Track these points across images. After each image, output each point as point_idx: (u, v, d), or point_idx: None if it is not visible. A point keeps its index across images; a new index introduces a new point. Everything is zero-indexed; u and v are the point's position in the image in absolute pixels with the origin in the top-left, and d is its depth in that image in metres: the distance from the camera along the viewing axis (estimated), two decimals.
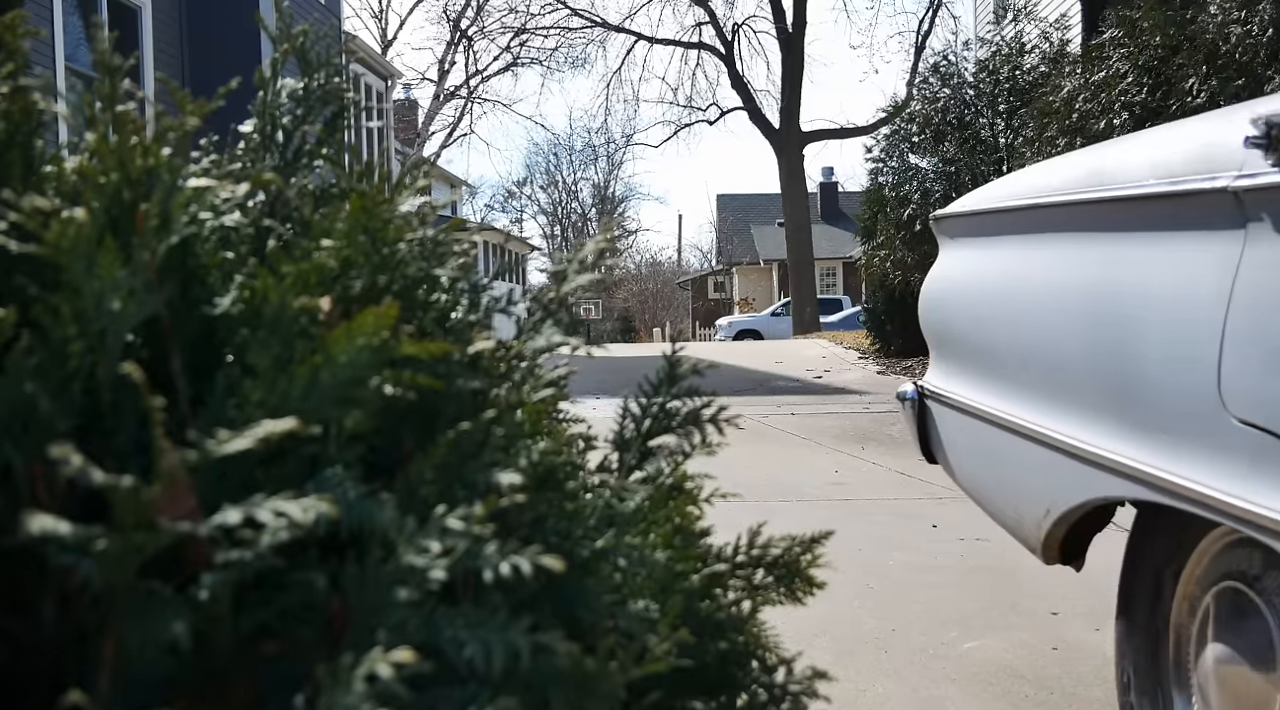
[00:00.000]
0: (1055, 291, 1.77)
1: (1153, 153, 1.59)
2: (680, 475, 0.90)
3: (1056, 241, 1.80)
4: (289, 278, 0.72)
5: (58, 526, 0.53)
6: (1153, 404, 1.44)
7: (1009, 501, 1.87)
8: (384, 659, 0.54)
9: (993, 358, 1.94)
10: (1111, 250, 1.61)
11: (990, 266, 2.02)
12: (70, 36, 9.40)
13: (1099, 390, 1.58)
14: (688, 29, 23.04)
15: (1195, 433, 1.34)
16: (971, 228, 2.10)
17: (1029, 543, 1.80)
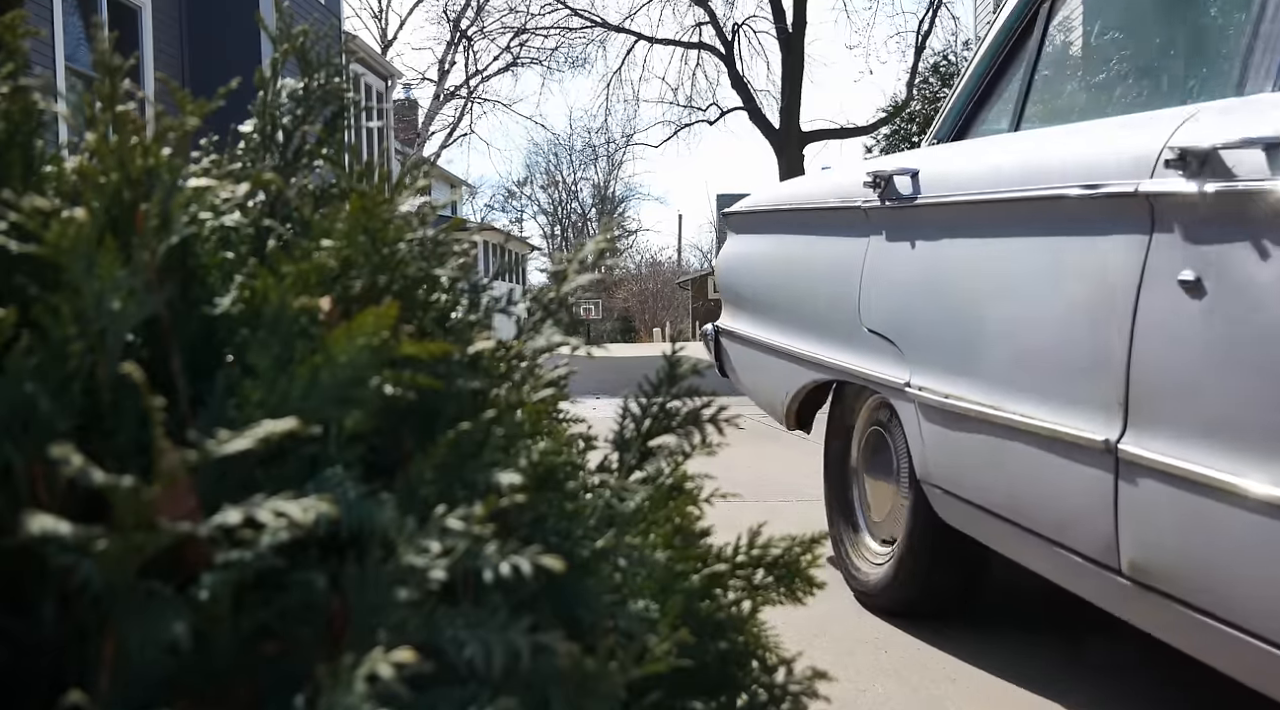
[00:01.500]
0: (781, 263, 3.14)
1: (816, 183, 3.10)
2: (680, 475, 0.91)
3: (780, 233, 3.19)
4: (289, 278, 0.72)
5: (58, 526, 0.53)
6: (830, 324, 2.68)
7: (766, 393, 3.12)
8: (385, 659, 0.54)
9: (754, 306, 3.25)
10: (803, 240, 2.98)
11: (749, 247, 3.39)
12: (70, 36, 9.40)
13: (806, 320, 2.86)
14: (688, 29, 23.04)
15: (851, 338, 2.53)
16: (739, 223, 3.53)
17: (778, 416, 3.09)
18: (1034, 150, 2.01)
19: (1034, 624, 2.33)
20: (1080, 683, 2.00)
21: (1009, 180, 1.94)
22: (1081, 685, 1.99)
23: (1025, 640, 2.23)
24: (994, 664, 2.10)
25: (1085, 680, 2.02)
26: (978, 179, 2.07)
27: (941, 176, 2.22)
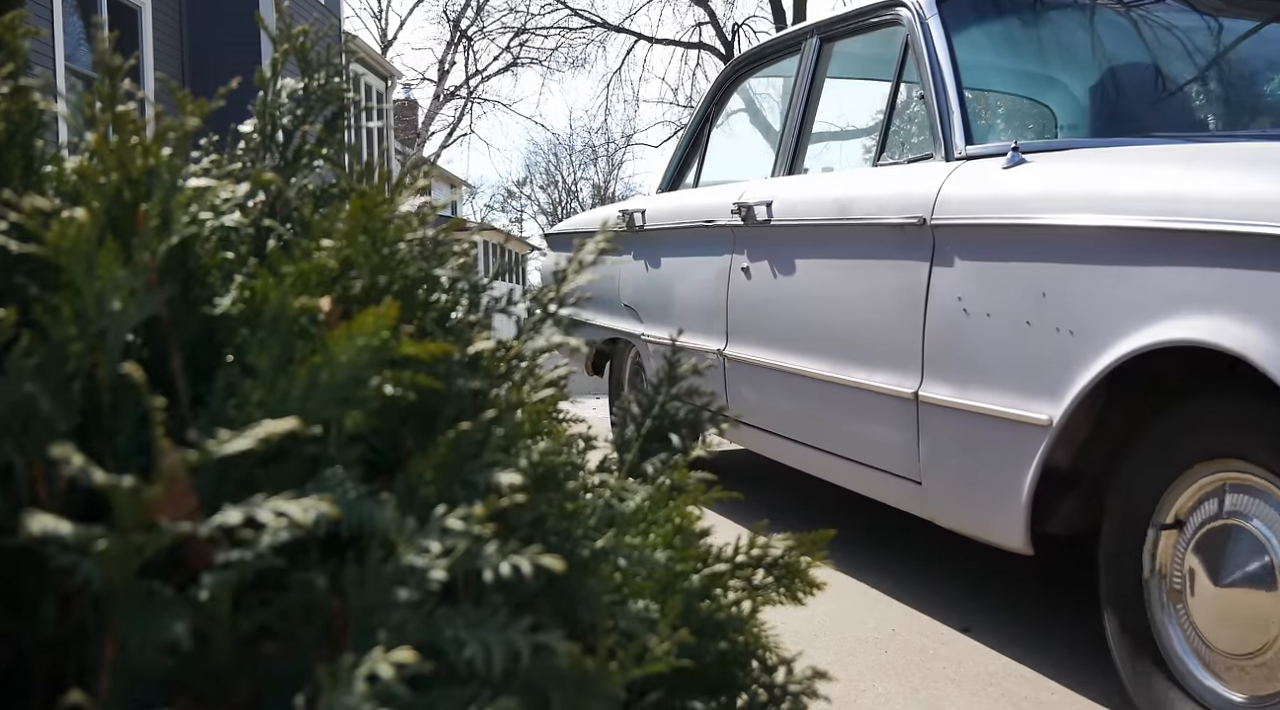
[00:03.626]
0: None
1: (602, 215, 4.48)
2: (680, 475, 0.91)
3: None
4: (289, 278, 0.72)
5: (58, 527, 0.53)
6: (607, 303, 4.03)
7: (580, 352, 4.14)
8: (385, 659, 0.54)
9: None
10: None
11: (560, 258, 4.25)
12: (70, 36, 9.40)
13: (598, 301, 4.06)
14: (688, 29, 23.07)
15: (618, 310, 4.00)
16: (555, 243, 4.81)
17: (586, 368, 4.33)
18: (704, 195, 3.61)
19: (1034, 624, 2.33)
20: (1081, 683, 2.01)
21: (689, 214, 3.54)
22: (1082, 685, 1.99)
23: (1026, 640, 2.23)
24: (994, 664, 2.10)
25: (1086, 680, 2.02)
26: (676, 215, 3.66)
27: (660, 213, 3.79)
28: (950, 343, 2.15)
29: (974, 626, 2.31)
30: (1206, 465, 1.69)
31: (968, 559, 2.84)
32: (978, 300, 2.08)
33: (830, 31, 3.08)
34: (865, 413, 2.45)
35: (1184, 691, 1.69)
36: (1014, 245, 2.02)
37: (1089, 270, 1.84)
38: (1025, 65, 3.14)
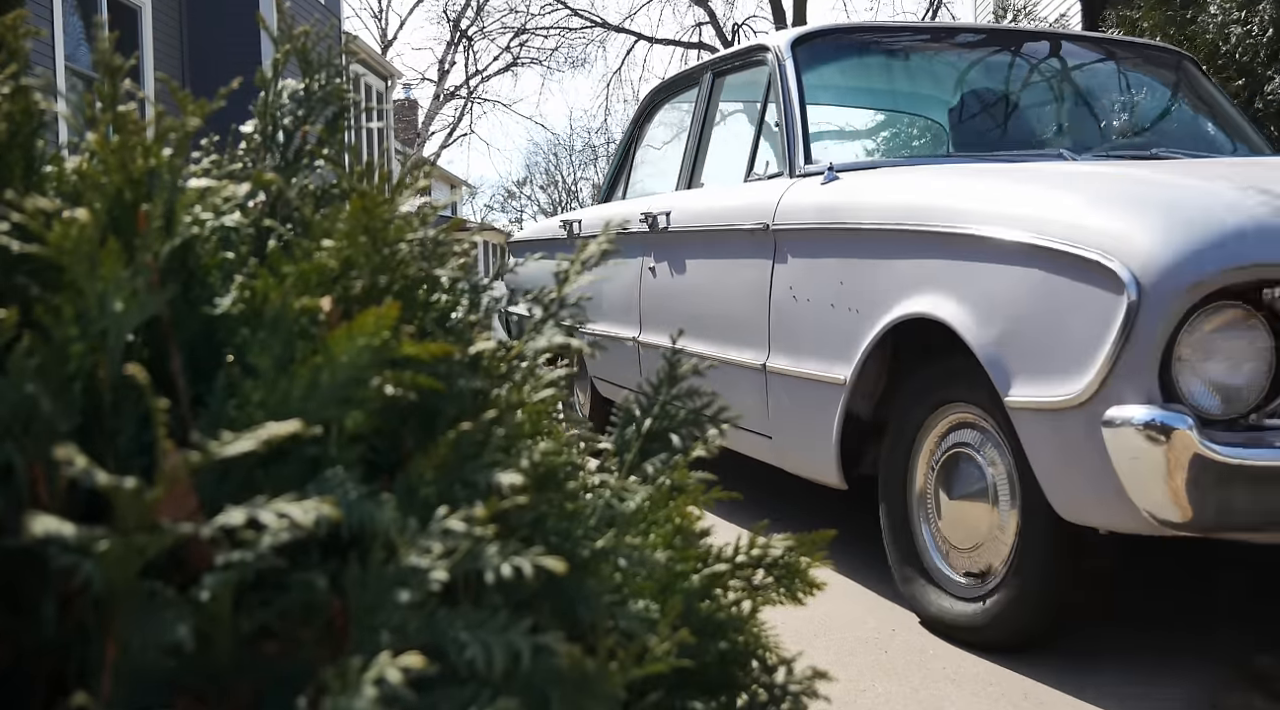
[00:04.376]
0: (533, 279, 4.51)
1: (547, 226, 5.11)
2: (681, 475, 0.91)
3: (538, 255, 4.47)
4: (289, 278, 0.72)
5: (60, 527, 0.53)
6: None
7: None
8: (393, 663, 0.54)
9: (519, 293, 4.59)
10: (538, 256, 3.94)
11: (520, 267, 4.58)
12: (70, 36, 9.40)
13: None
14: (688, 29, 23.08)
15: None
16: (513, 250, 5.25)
17: None
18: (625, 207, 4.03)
19: None
20: (1081, 683, 2.01)
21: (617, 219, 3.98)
22: (1082, 685, 2.00)
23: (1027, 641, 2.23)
24: (994, 664, 2.10)
25: (1086, 680, 2.02)
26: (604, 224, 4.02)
27: (592, 223, 4.27)
28: (785, 323, 2.75)
29: None
30: (944, 409, 2.28)
31: None
32: (801, 289, 2.68)
33: (720, 68, 3.73)
34: (736, 383, 2.95)
35: (927, 573, 2.34)
36: (823, 244, 2.62)
37: (868, 262, 2.44)
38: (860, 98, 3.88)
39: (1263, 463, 1.73)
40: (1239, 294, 1.76)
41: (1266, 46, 5.79)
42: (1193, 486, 1.72)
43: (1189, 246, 1.74)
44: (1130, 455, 1.76)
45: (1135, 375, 1.77)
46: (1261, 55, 5.81)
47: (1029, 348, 1.95)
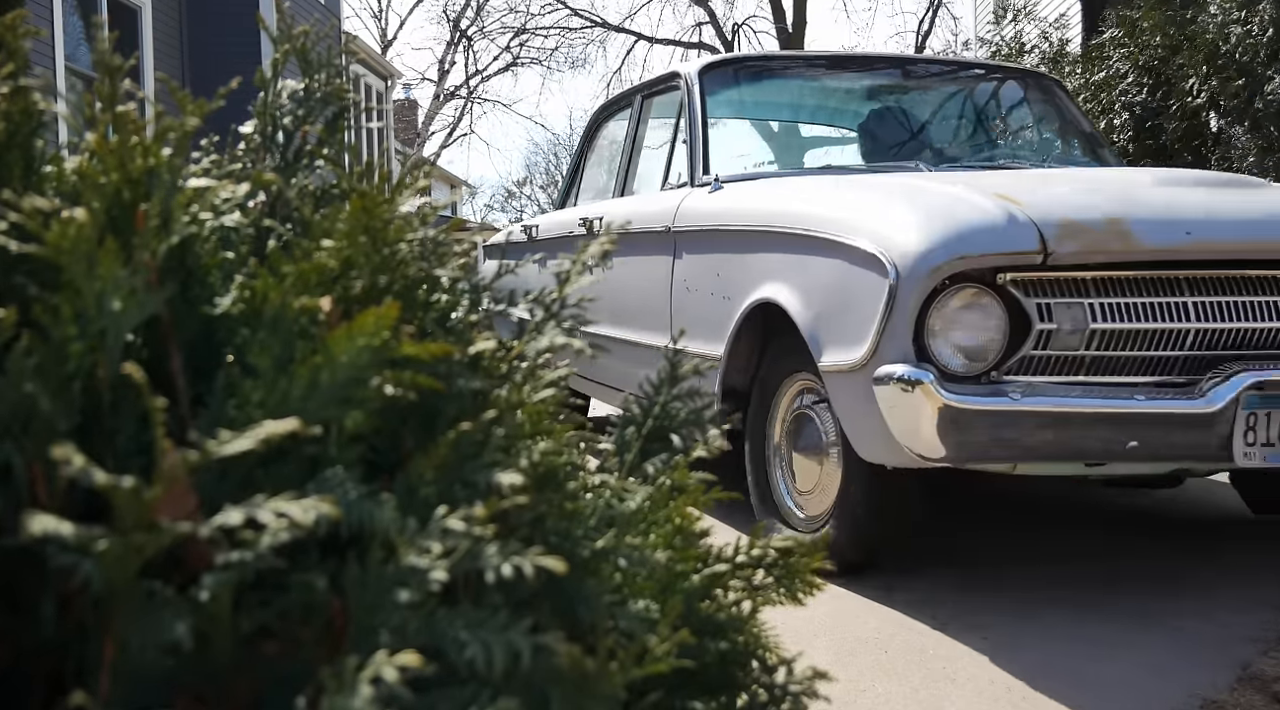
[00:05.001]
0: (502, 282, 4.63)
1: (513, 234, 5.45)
2: (681, 475, 0.90)
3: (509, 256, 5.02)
4: (289, 278, 0.72)
5: (59, 527, 0.53)
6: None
7: None
8: (389, 662, 0.54)
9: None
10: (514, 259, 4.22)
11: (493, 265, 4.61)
12: (70, 36, 9.40)
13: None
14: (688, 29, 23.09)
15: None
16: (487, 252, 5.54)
17: None
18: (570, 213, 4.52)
19: (1035, 625, 2.33)
20: (1082, 683, 2.01)
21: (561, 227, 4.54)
22: (1083, 685, 2.00)
23: (1027, 640, 2.23)
24: (995, 664, 2.10)
25: (1086, 680, 2.02)
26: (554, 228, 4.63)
27: (547, 227, 4.76)
28: (681, 310, 3.29)
29: (973, 627, 2.31)
30: (792, 378, 2.80)
31: (968, 559, 2.84)
32: (691, 281, 3.21)
33: (648, 91, 4.26)
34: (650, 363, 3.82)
35: (779, 512, 2.83)
36: (706, 243, 3.17)
37: (735, 257, 2.96)
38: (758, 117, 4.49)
39: (988, 407, 2.18)
40: (977, 277, 2.24)
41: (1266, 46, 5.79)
42: (937, 427, 2.17)
43: (932, 240, 2.24)
44: (891, 404, 2.25)
45: (897, 341, 2.26)
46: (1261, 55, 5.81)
47: (832, 323, 2.47)
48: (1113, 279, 2.27)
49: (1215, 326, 2.28)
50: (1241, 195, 2.57)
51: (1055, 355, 2.27)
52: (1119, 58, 6.93)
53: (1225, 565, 2.77)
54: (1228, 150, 6.11)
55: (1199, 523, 3.28)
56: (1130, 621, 2.33)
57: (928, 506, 2.79)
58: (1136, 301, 2.27)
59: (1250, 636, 2.24)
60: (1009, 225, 2.23)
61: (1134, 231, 2.27)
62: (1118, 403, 2.21)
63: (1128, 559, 2.85)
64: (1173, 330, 2.27)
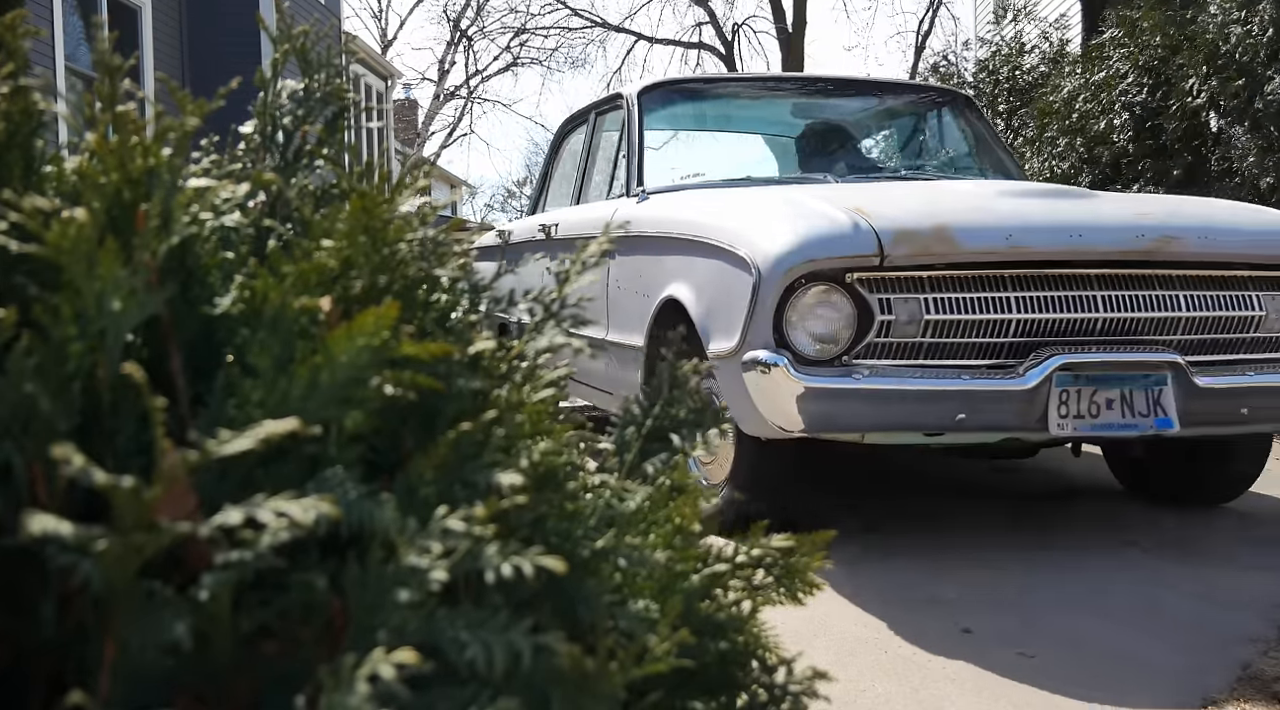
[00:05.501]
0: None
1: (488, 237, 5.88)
2: (681, 475, 0.90)
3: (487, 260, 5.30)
4: (289, 278, 0.72)
5: (59, 527, 0.53)
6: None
7: None
8: (386, 660, 0.54)
9: None
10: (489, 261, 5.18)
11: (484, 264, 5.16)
12: (70, 36, 9.39)
13: None
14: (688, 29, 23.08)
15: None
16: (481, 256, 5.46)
17: None
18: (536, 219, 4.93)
19: (1034, 625, 2.34)
20: (1082, 683, 2.01)
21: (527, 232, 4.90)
22: (1083, 685, 2.00)
23: (1026, 640, 2.23)
24: (994, 664, 2.10)
25: (1087, 681, 2.02)
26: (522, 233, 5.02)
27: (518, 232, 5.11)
28: (615, 306, 3.69)
29: (974, 627, 2.31)
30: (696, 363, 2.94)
31: (968, 559, 2.84)
32: (621, 281, 3.60)
33: (600, 109, 4.67)
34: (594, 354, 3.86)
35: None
36: (633, 247, 3.51)
37: (652, 259, 3.37)
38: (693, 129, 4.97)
39: (835, 386, 2.56)
40: (828, 277, 2.63)
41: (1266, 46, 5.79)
42: (792, 403, 2.57)
43: (788, 247, 2.64)
44: (755, 385, 2.66)
45: (761, 331, 2.68)
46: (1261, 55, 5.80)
47: (716, 317, 2.88)
48: (943, 277, 2.66)
49: (1034, 317, 2.68)
50: (1066, 204, 2.97)
51: (896, 342, 2.66)
52: (1119, 58, 6.92)
53: (1225, 564, 2.77)
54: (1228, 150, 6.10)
55: (1199, 522, 3.28)
56: (1130, 621, 2.33)
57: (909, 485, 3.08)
58: (964, 296, 2.67)
59: (1250, 636, 2.24)
60: (853, 233, 2.61)
61: (957, 237, 2.65)
62: (947, 382, 2.62)
63: (1127, 559, 2.85)
64: (997, 320, 2.67)
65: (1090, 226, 2.76)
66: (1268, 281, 2.89)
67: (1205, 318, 2.80)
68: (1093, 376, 2.65)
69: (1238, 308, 2.83)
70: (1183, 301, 2.77)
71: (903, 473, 4.16)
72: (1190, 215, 2.98)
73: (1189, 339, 2.79)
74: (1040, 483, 3.87)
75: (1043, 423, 2.62)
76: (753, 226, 2.82)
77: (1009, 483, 3.89)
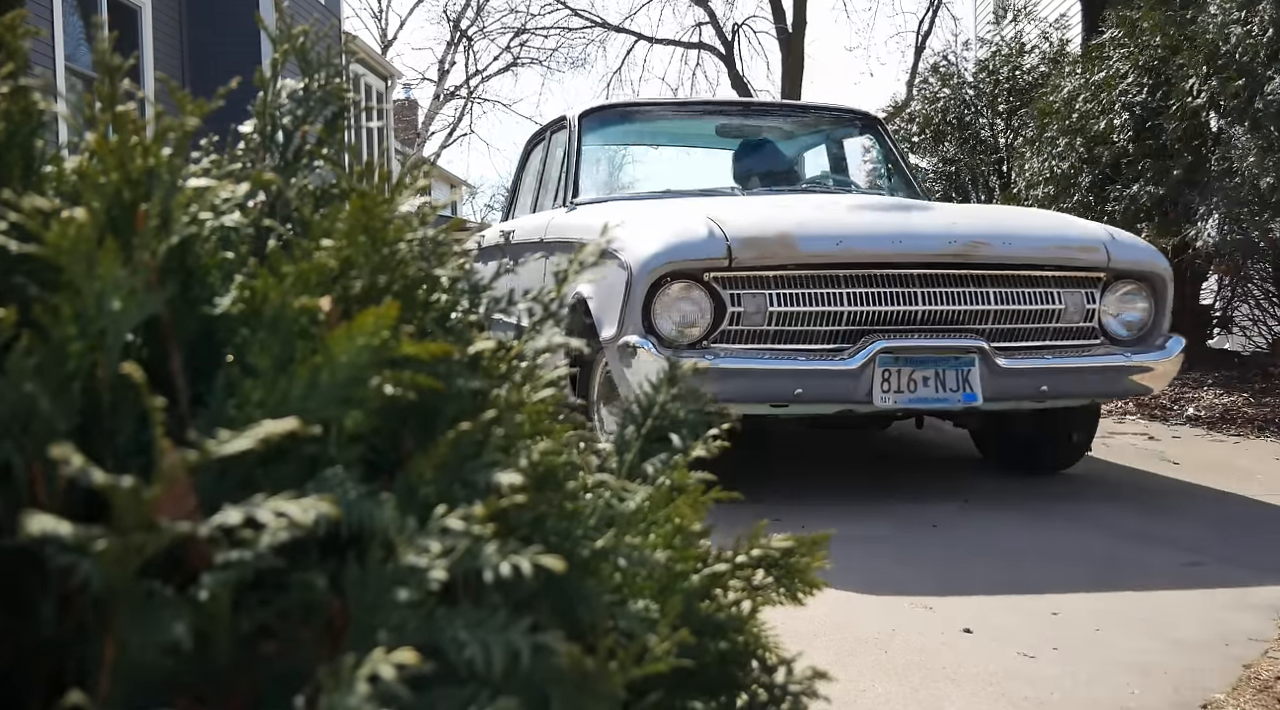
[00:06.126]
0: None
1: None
2: (681, 475, 0.90)
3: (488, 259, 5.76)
4: (289, 278, 0.72)
5: (58, 527, 0.53)
6: None
7: None
8: (386, 660, 0.54)
9: None
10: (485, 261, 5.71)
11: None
12: (70, 36, 9.39)
13: None
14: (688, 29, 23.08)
15: None
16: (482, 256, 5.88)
17: None
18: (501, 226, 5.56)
19: (1035, 625, 2.34)
20: (1082, 683, 2.01)
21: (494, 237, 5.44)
22: (1083, 685, 2.00)
23: (1026, 640, 2.23)
24: (994, 664, 2.10)
25: (1087, 681, 2.02)
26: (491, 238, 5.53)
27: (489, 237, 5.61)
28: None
29: (974, 627, 2.31)
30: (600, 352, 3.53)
31: (968, 559, 2.84)
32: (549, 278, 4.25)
33: (554, 128, 5.28)
34: None
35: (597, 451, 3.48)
36: (558, 249, 4.19)
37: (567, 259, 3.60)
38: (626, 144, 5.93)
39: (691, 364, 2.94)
40: (689, 275, 3.25)
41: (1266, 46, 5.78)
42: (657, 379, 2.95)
43: (654, 251, 3.25)
44: (628, 364, 3.23)
45: (634, 320, 3.25)
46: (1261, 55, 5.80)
47: (605, 309, 3.40)
48: (787, 276, 3.25)
49: (862, 309, 3.29)
50: (895, 216, 3.57)
51: (747, 329, 3.26)
52: (1119, 58, 6.92)
53: (1225, 565, 2.78)
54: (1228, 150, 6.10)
55: (1197, 522, 3.28)
56: (1130, 621, 2.33)
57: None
58: (804, 292, 3.27)
59: (1250, 636, 2.24)
60: (708, 240, 3.24)
61: (798, 242, 3.26)
62: (787, 362, 3.23)
63: (1126, 559, 2.85)
64: (831, 312, 3.29)
65: (910, 234, 3.38)
66: (1067, 280, 3.47)
67: (1010, 310, 3.39)
68: (910, 358, 3.25)
69: (1040, 302, 3.42)
70: (990, 297, 3.37)
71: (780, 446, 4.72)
72: (998, 223, 3.61)
73: (996, 328, 3.38)
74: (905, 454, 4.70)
75: (868, 396, 3.25)
76: (632, 234, 3.36)
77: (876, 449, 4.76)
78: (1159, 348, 3.55)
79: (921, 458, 4.62)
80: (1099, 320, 3.53)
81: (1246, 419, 5.32)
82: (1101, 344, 3.53)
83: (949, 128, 10.18)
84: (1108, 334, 3.55)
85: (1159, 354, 3.52)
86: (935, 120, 10.26)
